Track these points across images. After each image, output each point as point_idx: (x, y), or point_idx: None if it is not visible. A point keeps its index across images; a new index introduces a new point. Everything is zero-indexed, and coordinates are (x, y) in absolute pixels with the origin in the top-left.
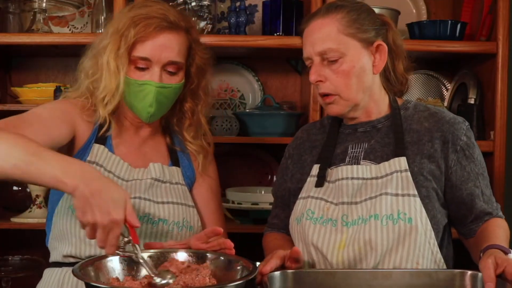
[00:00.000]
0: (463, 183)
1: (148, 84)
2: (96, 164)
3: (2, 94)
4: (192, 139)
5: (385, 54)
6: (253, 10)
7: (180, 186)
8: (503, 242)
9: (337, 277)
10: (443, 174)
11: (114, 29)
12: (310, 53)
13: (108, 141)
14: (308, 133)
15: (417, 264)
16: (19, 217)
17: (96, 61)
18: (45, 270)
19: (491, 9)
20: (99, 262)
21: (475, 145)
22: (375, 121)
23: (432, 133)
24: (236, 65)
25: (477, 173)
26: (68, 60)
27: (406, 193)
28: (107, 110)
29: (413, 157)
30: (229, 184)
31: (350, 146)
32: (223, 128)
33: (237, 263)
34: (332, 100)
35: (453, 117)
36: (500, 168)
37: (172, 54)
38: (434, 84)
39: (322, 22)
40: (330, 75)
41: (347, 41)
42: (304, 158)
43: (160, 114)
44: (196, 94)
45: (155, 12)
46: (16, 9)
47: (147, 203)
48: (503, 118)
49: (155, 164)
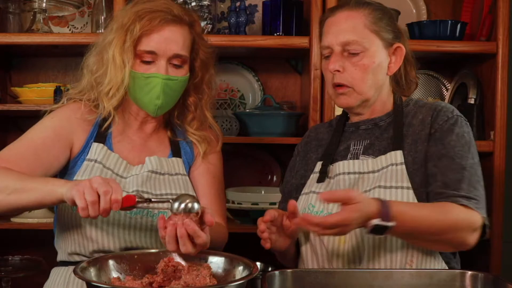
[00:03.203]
0: (426, 162)
1: (155, 77)
2: (95, 161)
3: (2, 94)
4: (195, 130)
5: (401, 57)
6: (253, 10)
7: (181, 176)
8: (410, 212)
9: (337, 277)
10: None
11: (119, 25)
12: (332, 42)
13: (108, 139)
14: (316, 132)
15: (411, 261)
16: (19, 217)
17: (101, 57)
18: (52, 269)
19: (491, 9)
20: (101, 262)
21: (452, 131)
22: (377, 119)
23: (424, 122)
24: (236, 65)
25: (441, 155)
26: (68, 60)
27: (399, 185)
28: (111, 104)
29: (409, 148)
30: (229, 184)
31: (352, 143)
32: (223, 128)
33: (237, 263)
34: (345, 91)
35: (444, 106)
36: (500, 168)
37: (177, 47)
38: (434, 84)
39: (349, 14)
40: (349, 67)
41: (371, 37)
42: (310, 155)
43: (167, 107)
44: (199, 88)
45: (159, 6)
46: (16, 9)
47: (145, 196)
48: (503, 118)
49: (151, 157)
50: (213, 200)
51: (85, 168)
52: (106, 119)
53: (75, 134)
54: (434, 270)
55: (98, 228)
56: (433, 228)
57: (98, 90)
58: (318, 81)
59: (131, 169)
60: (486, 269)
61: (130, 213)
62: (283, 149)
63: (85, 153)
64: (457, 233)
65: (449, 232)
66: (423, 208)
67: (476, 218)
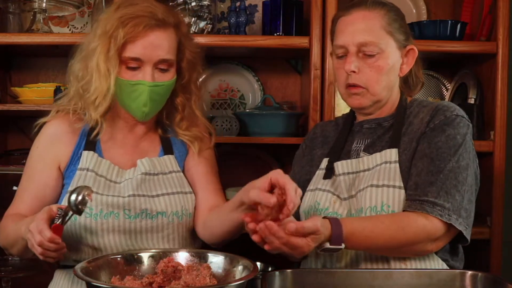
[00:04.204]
0: (412, 159)
1: (141, 84)
2: (87, 170)
3: (2, 94)
4: (184, 131)
5: (414, 58)
6: (253, 10)
7: (175, 174)
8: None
9: (337, 277)
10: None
11: (102, 31)
12: (348, 42)
13: (98, 146)
14: (322, 128)
15: (404, 263)
16: None
17: (86, 64)
18: (55, 271)
19: (491, 9)
20: (101, 262)
21: (444, 132)
22: (381, 119)
23: (423, 121)
24: (236, 65)
25: (423, 154)
26: (68, 60)
27: (392, 184)
28: (98, 112)
29: (404, 146)
30: (229, 184)
31: (355, 142)
32: (223, 128)
33: (237, 263)
34: (359, 91)
35: (445, 105)
36: (500, 168)
37: (163, 52)
38: (434, 84)
39: (366, 14)
40: (364, 68)
41: (387, 38)
42: (315, 151)
43: (154, 112)
44: (187, 88)
45: (142, 11)
46: (16, 9)
47: (141, 199)
48: (503, 118)
49: (142, 160)
50: (213, 192)
51: (78, 177)
52: (94, 127)
53: (59, 151)
54: (434, 270)
55: (99, 237)
56: (388, 244)
57: (85, 98)
58: (318, 81)
59: (124, 174)
60: (486, 269)
61: (130, 217)
62: (283, 149)
63: (75, 163)
64: (413, 246)
65: (406, 245)
66: (379, 225)
67: (436, 228)
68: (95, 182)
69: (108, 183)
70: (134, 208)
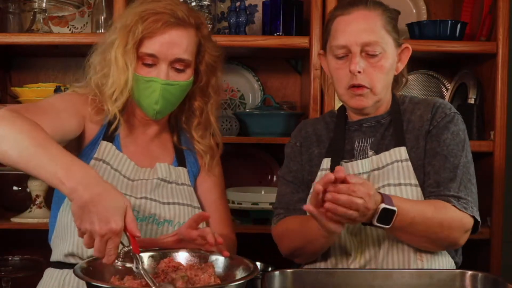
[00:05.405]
0: (424, 159)
1: (154, 81)
2: (103, 161)
3: (2, 94)
4: (200, 138)
5: (407, 57)
6: (253, 10)
7: (186, 187)
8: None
9: (337, 277)
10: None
11: (122, 25)
12: (350, 42)
13: (117, 140)
14: (313, 127)
15: (421, 256)
16: (19, 217)
17: (104, 57)
18: (45, 270)
19: (491, 9)
20: (101, 261)
21: (448, 129)
22: (379, 117)
23: (423, 119)
24: (236, 65)
25: (436, 153)
26: (68, 60)
27: (408, 182)
28: (116, 106)
29: (411, 144)
30: (229, 184)
31: (356, 141)
32: (223, 128)
33: (237, 262)
34: (364, 92)
35: (442, 102)
36: (500, 168)
37: (180, 51)
38: (434, 84)
39: (367, 13)
40: (367, 67)
41: (387, 37)
42: (312, 150)
43: (166, 111)
44: (205, 92)
45: (164, 8)
46: (16, 9)
47: (153, 204)
48: (503, 118)
49: (161, 164)
50: (222, 214)
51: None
52: (112, 122)
53: (88, 121)
54: (434, 270)
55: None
56: (428, 222)
57: (103, 91)
58: (318, 81)
59: (139, 171)
60: (486, 269)
61: (137, 219)
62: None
63: (93, 151)
64: (451, 232)
65: (444, 229)
66: (418, 203)
67: (467, 220)
68: (109, 176)
69: (122, 178)
70: (143, 211)
